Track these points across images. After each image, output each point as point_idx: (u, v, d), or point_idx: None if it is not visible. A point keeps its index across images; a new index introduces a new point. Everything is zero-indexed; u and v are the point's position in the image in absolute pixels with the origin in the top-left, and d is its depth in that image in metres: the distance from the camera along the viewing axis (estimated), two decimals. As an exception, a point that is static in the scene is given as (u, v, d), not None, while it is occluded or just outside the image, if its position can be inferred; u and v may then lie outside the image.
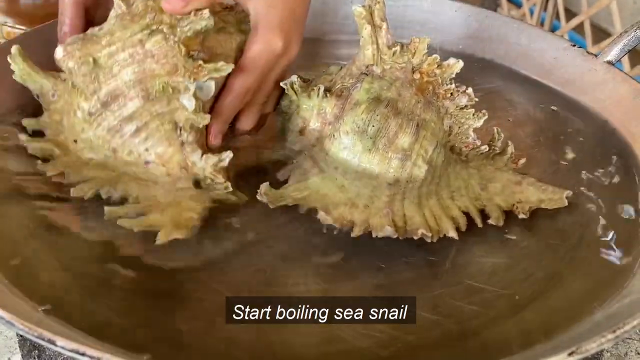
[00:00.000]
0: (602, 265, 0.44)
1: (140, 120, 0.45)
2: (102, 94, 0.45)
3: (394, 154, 0.46)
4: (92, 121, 0.45)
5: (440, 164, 0.47)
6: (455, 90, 0.49)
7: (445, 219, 0.45)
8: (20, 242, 0.41)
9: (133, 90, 0.44)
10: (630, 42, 0.57)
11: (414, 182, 0.46)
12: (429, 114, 0.48)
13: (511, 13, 1.15)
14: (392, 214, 0.44)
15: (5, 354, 0.45)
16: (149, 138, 0.45)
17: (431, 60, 0.49)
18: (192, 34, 0.44)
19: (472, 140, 0.50)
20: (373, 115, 0.46)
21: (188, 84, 0.44)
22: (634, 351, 0.47)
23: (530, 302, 0.41)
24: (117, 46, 0.45)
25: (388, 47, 0.49)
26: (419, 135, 0.46)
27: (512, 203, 0.47)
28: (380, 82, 0.48)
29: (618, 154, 0.54)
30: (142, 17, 0.45)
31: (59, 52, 0.46)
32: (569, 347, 0.33)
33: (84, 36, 0.46)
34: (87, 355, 0.31)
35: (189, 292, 0.40)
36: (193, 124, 0.45)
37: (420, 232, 0.43)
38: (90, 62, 0.45)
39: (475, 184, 0.48)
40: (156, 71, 0.44)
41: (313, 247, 0.44)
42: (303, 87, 0.49)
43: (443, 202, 0.46)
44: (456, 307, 0.40)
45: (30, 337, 0.32)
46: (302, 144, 0.49)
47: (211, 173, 0.45)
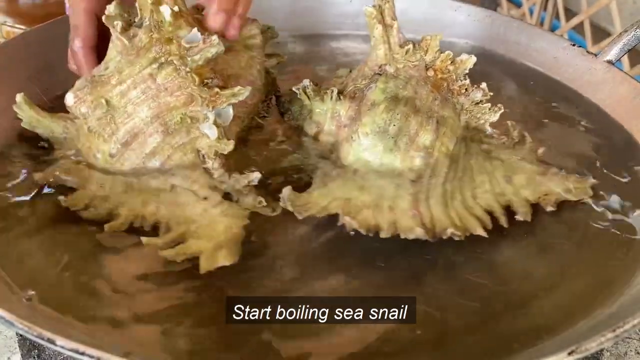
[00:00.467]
0: (602, 265, 0.44)
1: (163, 155, 0.45)
2: (120, 135, 0.44)
3: (416, 152, 0.45)
4: (115, 162, 0.45)
5: (462, 159, 0.47)
6: (469, 85, 0.49)
7: (471, 218, 0.45)
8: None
9: (151, 127, 0.44)
10: (629, 41, 0.57)
11: (437, 177, 0.45)
12: (446, 110, 0.47)
13: (511, 12, 1.15)
14: (419, 216, 0.44)
15: (5, 354, 0.45)
16: (173, 168, 0.45)
17: (444, 56, 0.49)
18: (203, 62, 0.44)
19: (490, 135, 0.49)
20: (393, 115, 0.46)
21: (207, 113, 0.44)
22: (634, 350, 0.47)
23: (530, 300, 0.41)
24: (128, 84, 0.44)
25: (400, 46, 0.49)
26: (439, 132, 0.46)
27: (538, 195, 0.47)
28: (395, 81, 0.48)
29: (620, 153, 0.54)
30: (148, 50, 0.44)
31: (70, 99, 0.45)
32: (569, 346, 0.33)
33: (92, 79, 0.45)
34: (86, 355, 0.31)
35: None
36: (217, 151, 0.45)
37: (449, 232, 0.43)
38: (104, 104, 0.44)
39: (500, 176, 0.48)
40: (172, 104, 0.44)
41: (313, 246, 0.44)
42: (316, 90, 0.48)
43: (467, 201, 0.46)
44: (456, 305, 0.40)
45: (30, 336, 0.32)
46: (319, 149, 0.49)
47: (241, 189, 0.45)
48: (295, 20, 0.70)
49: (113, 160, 0.45)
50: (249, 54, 0.49)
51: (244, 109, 0.48)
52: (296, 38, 0.55)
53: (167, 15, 0.44)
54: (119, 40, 0.45)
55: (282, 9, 0.71)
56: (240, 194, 0.45)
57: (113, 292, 0.39)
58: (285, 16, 0.70)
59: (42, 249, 0.42)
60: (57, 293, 0.39)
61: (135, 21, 0.46)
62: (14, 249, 0.41)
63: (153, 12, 0.44)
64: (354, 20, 0.71)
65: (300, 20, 0.71)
